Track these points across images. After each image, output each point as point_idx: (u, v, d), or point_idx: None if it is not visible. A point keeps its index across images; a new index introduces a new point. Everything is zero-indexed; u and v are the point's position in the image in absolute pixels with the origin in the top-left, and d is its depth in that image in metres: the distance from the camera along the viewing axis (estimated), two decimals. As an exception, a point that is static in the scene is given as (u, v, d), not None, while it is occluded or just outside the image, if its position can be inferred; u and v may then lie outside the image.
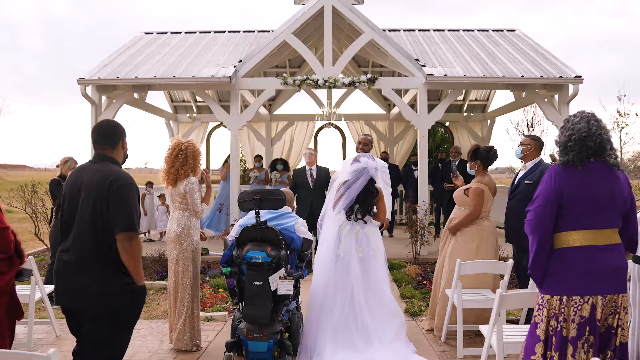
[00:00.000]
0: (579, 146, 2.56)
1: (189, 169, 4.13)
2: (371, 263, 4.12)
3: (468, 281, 4.40)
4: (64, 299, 2.73)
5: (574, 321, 2.50)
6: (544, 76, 7.95)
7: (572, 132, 2.60)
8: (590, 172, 2.57)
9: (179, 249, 4.10)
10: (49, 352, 1.99)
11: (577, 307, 2.51)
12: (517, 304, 3.28)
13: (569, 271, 2.55)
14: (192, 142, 4.25)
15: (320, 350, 3.80)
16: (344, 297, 4.01)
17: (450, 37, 10.36)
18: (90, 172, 2.76)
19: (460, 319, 4.03)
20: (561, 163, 2.62)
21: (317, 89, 9.22)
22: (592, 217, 2.56)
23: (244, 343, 3.66)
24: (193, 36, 10.69)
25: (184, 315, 4.06)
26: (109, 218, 2.62)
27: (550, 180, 2.60)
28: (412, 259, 7.50)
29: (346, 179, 4.13)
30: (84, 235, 2.65)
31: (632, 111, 19.64)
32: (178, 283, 4.12)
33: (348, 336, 3.93)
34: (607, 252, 2.56)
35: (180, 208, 4.16)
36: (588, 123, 2.59)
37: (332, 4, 8.10)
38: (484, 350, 3.30)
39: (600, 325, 2.52)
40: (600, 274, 2.53)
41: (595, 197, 2.56)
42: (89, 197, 2.66)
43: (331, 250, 4.10)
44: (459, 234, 4.60)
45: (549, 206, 2.57)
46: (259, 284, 3.56)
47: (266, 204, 3.75)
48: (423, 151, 8.31)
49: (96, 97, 8.35)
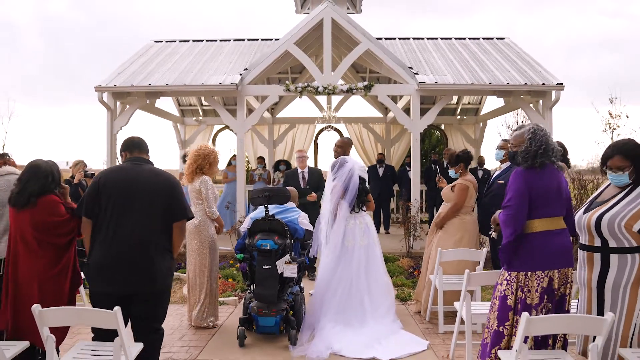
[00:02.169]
0: (546, 153, 3.18)
1: (206, 170, 4.72)
2: (373, 250, 4.86)
3: (450, 269, 5.01)
4: (116, 284, 3.06)
5: (537, 291, 3.10)
6: (527, 83, 8.57)
7: (542, 143, 3.20)
8: (545, 172, 3.20)
9: (197, 240, 4.71)
10: (114, 309, 2.61)
11: (540, 280, 3.10)
12: (481, 281, 3.91)
13: (533, 251, 3.16)
14: (214, 149, 4.86)
15: (323, 326, 4.44)
16: (347, 282, 4.69)
17: (443, 45, 10.99)
18: (141, 171, 3.25)
19: (441, 299, 4.66)
20: (526, 166, 3.22)
21: (317, 95, 9.84)
22: (548, 207, 3.19)
23: (255, 319, 4.32)
24: (200, 44, 11.32)
25: (203, 296, 4.68)
26: (170, 208, 3.16)
27: (519, 181, 3.20)
28: (405, 253, 8.12)
29: (343, 182, 4.81)
30: (141, 224, 3.09)
31: (623, 113, 20.27)
32: (197, 269, 4.73)
33: (347, 316, 4.59)
34: (559, 236, 3.19)
35: (196, 203, 4.77)
36: (549, 136, 3.23)
37: (332, 16, 8.71)
38: (457, 320, 3.93)
39: (556, 294, 3.15)
40: (556, 253, 3.15)
41: (549, 192, 3.18)
42: (146, 191, 3.15)
43: (339, 243, 4.77)
44: (444, 227, 5.23)
45: (525, 202, 3.17)
46: (268, 268, 4.20)
47: (274, 200, 4.40)
48: (416, 153, 8.93)
49: (112, 103, 8.97)
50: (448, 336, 4.49)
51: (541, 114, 8.90)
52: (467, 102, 13.09)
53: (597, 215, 2.97)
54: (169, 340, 4.48)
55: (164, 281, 3.21)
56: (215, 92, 9.31)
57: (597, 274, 2.97)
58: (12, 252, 3.31)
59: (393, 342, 4.24)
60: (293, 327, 4.29)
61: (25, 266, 3.27)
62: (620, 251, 2.92)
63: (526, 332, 2.58)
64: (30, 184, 3.28)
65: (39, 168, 3.37)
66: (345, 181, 4.82)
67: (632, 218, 2.88)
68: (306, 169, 7.25)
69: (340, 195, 4.83)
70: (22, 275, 3.28)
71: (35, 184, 3.29)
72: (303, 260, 4.51)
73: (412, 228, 8.15)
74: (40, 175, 3.33)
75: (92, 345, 3.01)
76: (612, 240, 2.92)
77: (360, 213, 4.93)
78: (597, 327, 2.59)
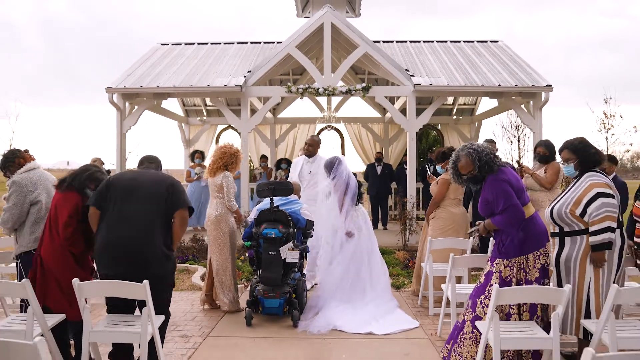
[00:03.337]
0: (493, 155, 3.66)
1: (224, 166, 5.13)
2: (372, 236, 5.44)
3: (442, 258, 5.43)
4: (113, 267, 3.33)
5: (536, 267, 3.49)
6: (518, 85, 9.00)
7: (483, 150, 3.64)
8: (502, 169, 3.64)
9: (218, 230, 5.11)
10: (144, 282, 3.04)
11: (536, 258, 3.49)
12: (464, 264, 4.34)
13: (532, 234, 3.53)
14: (238, 148, 5.30)
15: (328, 305, 4.91)
16: (352, 264, 5.18)
17: (439, 48, 11.43)
18: (145, 172, 3.72)
19: (431, 285, 5.09)
20: (495, 171, 3.62)
21: (317, 97, 10.27)
22: (523, 194, 3.64)
23: (261, 301, 4.75)
24: (205, 47, 11.76)
25: (229, 282, 5.10)
26: (171, 199, 3.53)
27: (500, 184, 3.55)
28: (402, 246, 8.55)
29: (344, 180, 5.32)
30: (142, 212, 3.43)
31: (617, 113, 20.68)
32: (220, 258, 5.10)
33: (352, 294, 5.08)
34: (538, 217, 3.64)
35: (217, 196, 5.17)
36: (477, 145, 3.72)
37: (332, 21, 9.14)
38: (443, 301, 4.36)
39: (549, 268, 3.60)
40: (544, 231, 3.59)
41: (518, 182, 3.65)
42: (147, 185, 3.55)
43: (337, 245, 5.27)
44: (436, 219, 5.66)
45: (515, 197, 3.59)
46: (273, 254, 4.63)
47: (278, 193, 4.83)
48: (412, 152, 9.36)
49: (121, 104, 9.41)
50: (437, 318, 4.90)
51: (531, 114, 9.32)
52: (462, 103, 13.52)
53: (551, 207, 3.55)
54: (182, 321, 4.92)
55: (160, 268, 3.40)
56: (221, 94, 9.74)
57: (555, 254, 3.48)
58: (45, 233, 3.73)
59: (389, 320, 4.72)
60: (295, 308, 4.72)
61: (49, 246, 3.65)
62: (572, 234, 3.47)
63: (497, 302, 3.01)
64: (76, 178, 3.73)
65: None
66: (345, 179, 5.30)
67: (573, 204, 3.43)
68: None
69: (343, 192, 5.30)
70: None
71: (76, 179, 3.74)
72: (305, 247, 4.94)
73: (408, 223, 8.58)
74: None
75: (117, 317, 3.43)
76: (565, 227, 3.45)
77: (358, 205, 5.44)
78: (557, 298, 3.01)
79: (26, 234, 4.01)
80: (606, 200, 3.37)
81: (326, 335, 4.46)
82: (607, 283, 3.35)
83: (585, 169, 3.58)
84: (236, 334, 4.54)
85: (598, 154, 3.61)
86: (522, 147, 20.34)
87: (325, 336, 4.44)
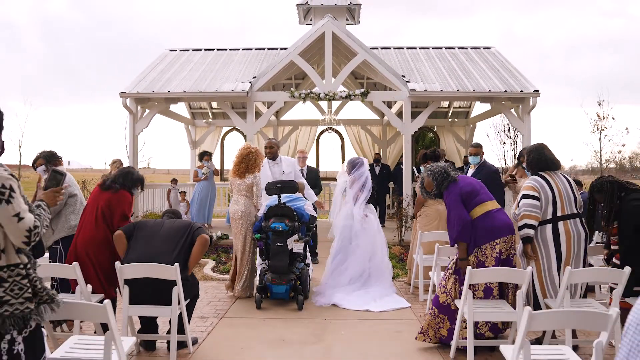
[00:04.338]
0: (447, 170, 4.25)
1: (254, 167, 5.68)
2: (381, 231, 6.05)
3: (432, 250, 6.01)
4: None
5: (493, 256, 4.09)
6: (507, 90, 9.59)
7: (439, 169, 4.25)
8: (460, 178, 4.27)
9: (244, 224, 5.65)
10: (174, 265, 3.62)
11: (492, 248, 4.09)
12: (448, 253, 4.92)
13: (483, 229, 4.13)
14: (257, 148, 5.86)
15: (336, 286, 5.54)
16: (362, 255, 5.79)
17: (434, 55, 12.03)
18: (166, 218, 4.36)
19: (421, 274, 5.67)
20: (446, 186, 4.20)
21: (319, 101, 10.86)
22: (478, 197, 4.19)
23: (269, 287, 5.34)
24: (212, 53, 12.36)
25: (245, 272, 5.67)
26: (190, 231, 4.02)
27: (452, 197, 4.13)
28: (398, 242, 9.14)
29: (361, 180, 5.99)
30: (165, 245, 3.94)
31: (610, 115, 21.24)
32: (241, 249, 5.66)
33: (360, 281, 5.70)
34: (497, 213, 4.16)
35: (244, 195, 5.68)
36: (434, 166, 4.34)
37: (332, 30, 9.73)
38: (430, 286, 4.96)
39: (502, 257, 4.18)
40: (499, 226, 4.15)
41: (473, 185, 4.24)
42: (169, 224, 4.12)
43: (357, 225, 5.90)
44: (423, 217, 6.24)
45: (462, 205, 4.10)
46: (280, 245, 5.23)
47: (285, 191, 5.43)
48: (407, 153, 9.95)
49: (134, 108, 10.01)
50: (426, 302, 5.51)
51: (520, 117, 9.91)
52: (458, 106, 14.11)
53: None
54: (198, 305, 5.48)
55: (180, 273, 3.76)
56: (228, 98, 10.34)
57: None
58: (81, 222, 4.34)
59: (385, 301, 5.38)
60: (300, 293, 5.31)
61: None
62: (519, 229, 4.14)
63: (470, 281, 3.60)
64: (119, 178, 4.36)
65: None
66: (363, 180, 5.92)
67: (515, 206, 4.18)
68: (305, 168, 8.22)
69: (359, 188, 5.90)
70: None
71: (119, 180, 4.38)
72: (308, 239, 5.54)
73: (403, 220, 9.17)
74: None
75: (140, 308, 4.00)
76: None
77: (369, 204, 6.10)
78: (520, 277, 3.60)
79: (64, 221, 4.61)
80: (527, 200, 4.03)
81: (327, 316, 5.05)
82: (548, 270, 3.99)
83: (533, 173, 4.23)
84: (248, 315, 5.13)
85: (551, 160, 4.21)
86: (515, 149, 20.93)
87: (327, 317, 5.04)
